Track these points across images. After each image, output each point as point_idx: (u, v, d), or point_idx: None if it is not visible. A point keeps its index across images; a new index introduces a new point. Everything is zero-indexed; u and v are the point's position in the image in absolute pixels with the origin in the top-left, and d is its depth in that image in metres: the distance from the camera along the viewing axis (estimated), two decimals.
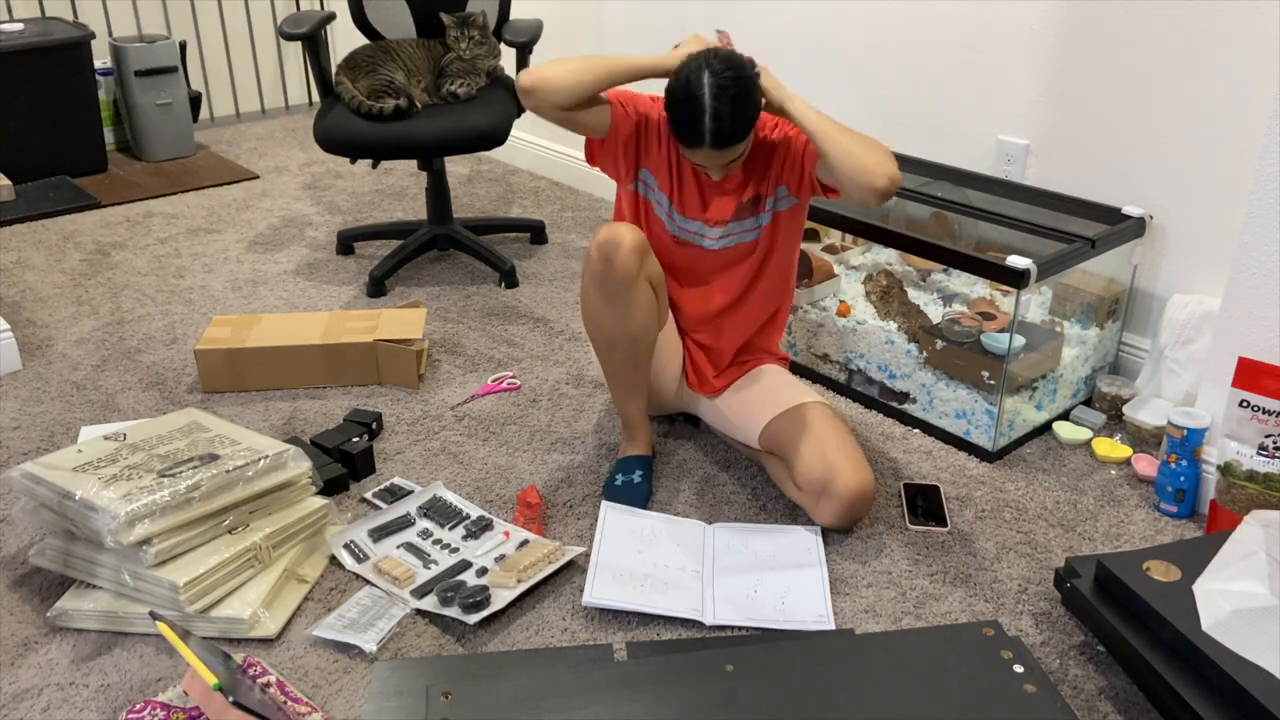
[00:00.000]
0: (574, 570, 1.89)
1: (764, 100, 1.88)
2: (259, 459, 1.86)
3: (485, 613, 1.74)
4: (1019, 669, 1.56)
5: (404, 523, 2.00)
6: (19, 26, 3.80)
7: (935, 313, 2.43)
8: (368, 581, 1.87)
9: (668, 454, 2.25)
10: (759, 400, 2.12)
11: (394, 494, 2.09)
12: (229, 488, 1.81)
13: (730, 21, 3.13)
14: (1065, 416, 2.37)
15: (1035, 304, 2.46)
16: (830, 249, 2.76)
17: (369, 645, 1.70)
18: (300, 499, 1.94)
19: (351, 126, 2.85)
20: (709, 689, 1.50)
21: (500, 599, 1.77)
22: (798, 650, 1.59)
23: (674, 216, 2.06)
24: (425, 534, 1.97)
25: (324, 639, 1.74)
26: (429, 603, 1.79)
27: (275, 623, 1.76)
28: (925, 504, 2.08)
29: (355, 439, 2.20)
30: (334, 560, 1.93)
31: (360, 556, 1.91)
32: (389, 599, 1.81)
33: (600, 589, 1.80)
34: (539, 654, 1.64)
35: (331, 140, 2.86)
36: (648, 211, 2.09)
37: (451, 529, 1.98)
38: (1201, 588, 1.61)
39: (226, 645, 1.73)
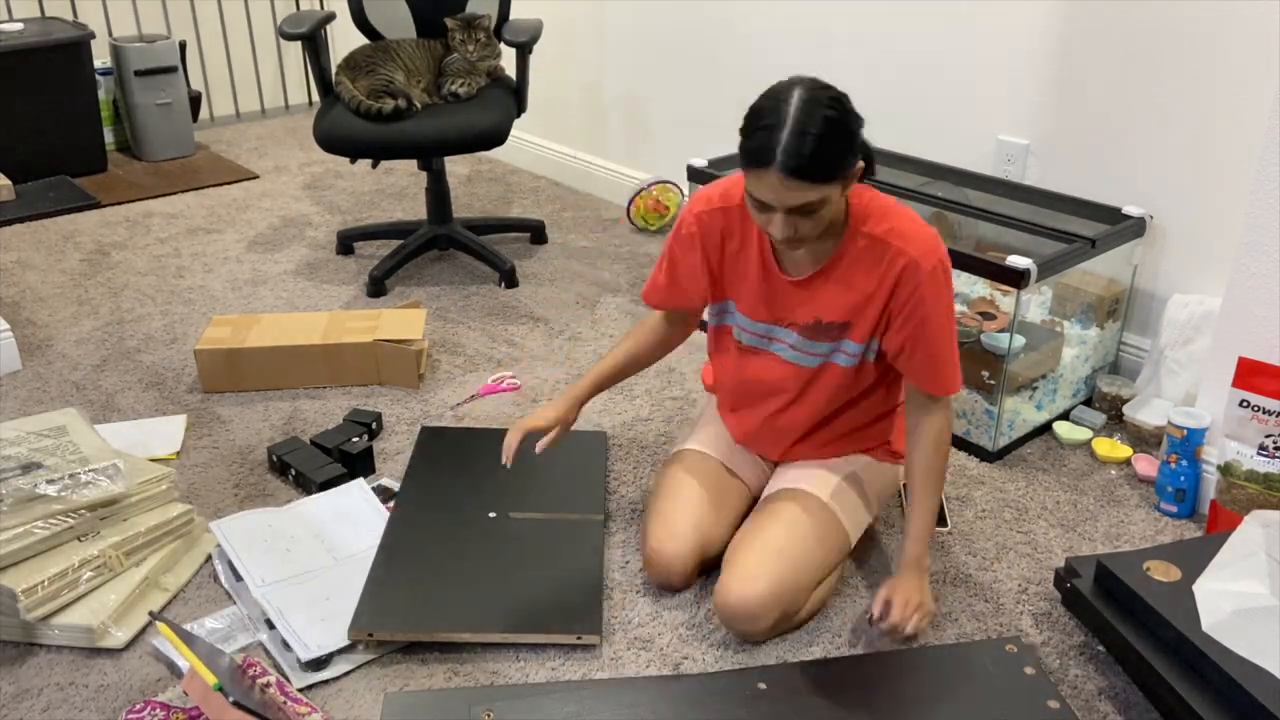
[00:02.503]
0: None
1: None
2: (76, 474, 1.82)
3: (324, 674, 1.68)
4: (1044, 688, 1.58)
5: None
6: (19, 26, 3.80)
7: None
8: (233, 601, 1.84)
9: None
10: (787, 472, 1.88)
11: (383, 494, 2.09)
12: (42, 501, 1.77)
13: (728, 20, 3.13)
14: (1065, 416, 2.37)
15: (1035, 304, 2.46)
16: None
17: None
18: (157, 506, 1.91)
19: (351, 126, 2.84)
20: (741, 707, 1.53)
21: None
22: (830, 669, 1.63)
23: (739, 319, 1.81)
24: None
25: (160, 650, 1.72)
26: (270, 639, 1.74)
27: (125, 633, 1.74)
28: None
29: (355, 439, 2.20)
30: (203, 569, 1.91)
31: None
32: (242, 621, 1.78)
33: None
34: (567, 685, 1.63)
35: (331, 140, 2.86)
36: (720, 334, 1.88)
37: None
38: (1202, 588, 1.61)
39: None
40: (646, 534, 1.83)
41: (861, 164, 1.56)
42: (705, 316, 1.90)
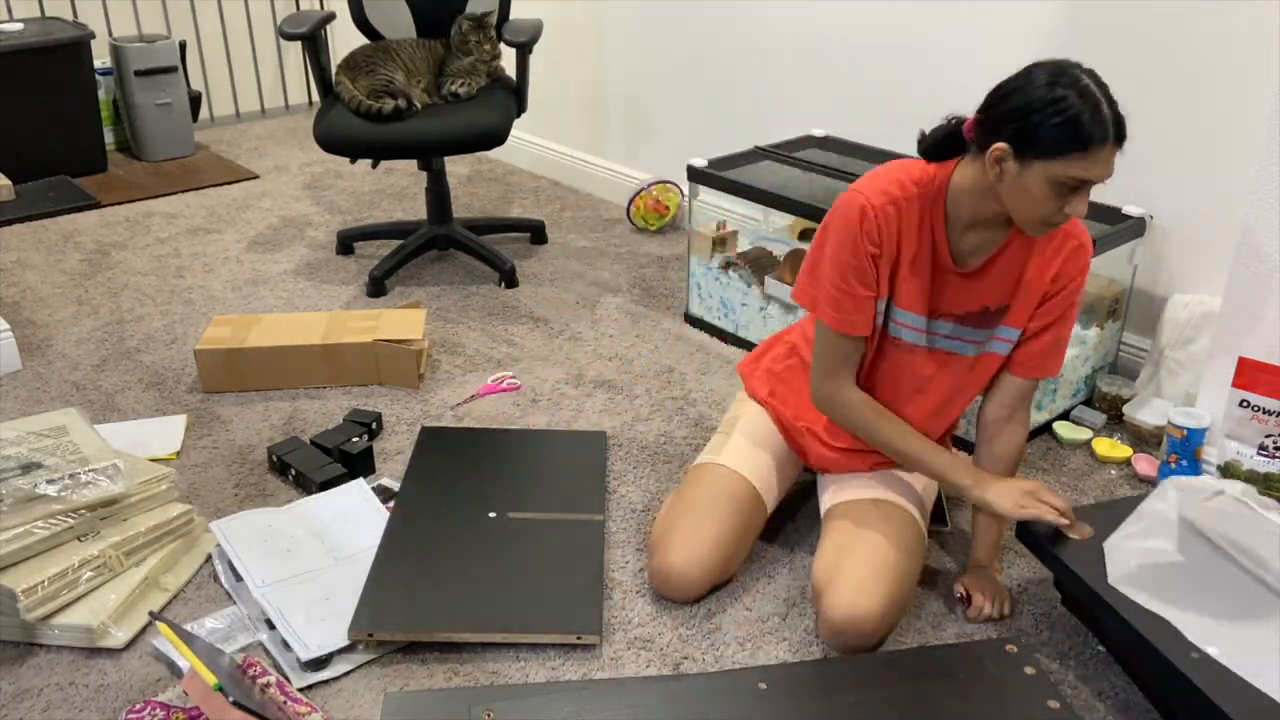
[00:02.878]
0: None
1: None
2: (76, 474, 1.81)
3: (323, 674, 1.67)
4: (1044, 688, 1.58)
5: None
6: (19, 26, 3.80)
7: None
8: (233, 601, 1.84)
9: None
10: (850, 481, 1.86)
11: (383, 494, 2.09)
12: (42, 501, 1.77)
13: (729, 20, 3.13)
14: (1065, 416, 2.37)
15: None
16: None
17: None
18: (157, 506, 1.90)
19: (351, 126, 2.85)
20: (741, 707, 1.54)
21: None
22: (830, 669, 1.64)
23: (897, 313, 1.73)
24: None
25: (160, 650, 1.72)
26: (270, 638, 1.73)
27: (125, 633, 1.73)
28: None
29: (355, 439, 2.20)
30: (203, 569, 1.90)
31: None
32: (243, 621, 1.77)
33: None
34: (567, 685, 1.63)
35: (331, 140, 2.86)
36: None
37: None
38: (1111, 544, 1.65)
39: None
40: (663, 546, 1.78)
41: None
42: None
